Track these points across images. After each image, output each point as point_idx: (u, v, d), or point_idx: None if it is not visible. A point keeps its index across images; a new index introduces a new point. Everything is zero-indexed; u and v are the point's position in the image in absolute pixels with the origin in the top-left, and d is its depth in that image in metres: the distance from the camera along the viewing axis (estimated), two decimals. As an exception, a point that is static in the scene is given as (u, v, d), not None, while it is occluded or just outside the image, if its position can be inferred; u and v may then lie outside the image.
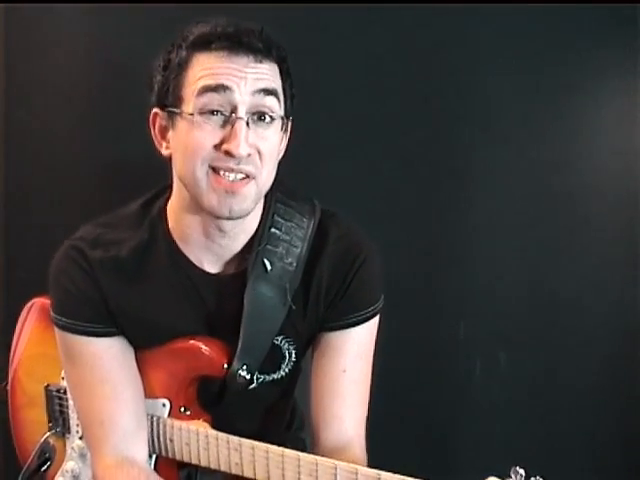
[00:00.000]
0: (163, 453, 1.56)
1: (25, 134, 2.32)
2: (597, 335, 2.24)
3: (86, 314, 1.50)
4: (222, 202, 1.40)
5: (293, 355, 1.57)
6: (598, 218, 2.25)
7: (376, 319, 1.58)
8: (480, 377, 2.26)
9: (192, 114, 1.39)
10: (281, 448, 1.41)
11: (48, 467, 1.74)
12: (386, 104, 2.22)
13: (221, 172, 1.39)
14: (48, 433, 1.74)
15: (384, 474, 1.31)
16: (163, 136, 1.48)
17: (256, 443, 1.43)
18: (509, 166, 2.26)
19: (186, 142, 1.41)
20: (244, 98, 1.38)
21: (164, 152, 1.48)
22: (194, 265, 1.52)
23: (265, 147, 1.41)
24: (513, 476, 1.25)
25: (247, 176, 1.41)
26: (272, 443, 1.44)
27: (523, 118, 2.24)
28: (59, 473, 1.74)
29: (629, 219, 2.25)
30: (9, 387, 1.84)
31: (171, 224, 1.53)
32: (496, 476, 1.26)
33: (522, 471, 1.24)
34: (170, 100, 1.43)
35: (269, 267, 1.49)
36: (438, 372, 2.28)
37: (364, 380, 1.58)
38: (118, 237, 1.52)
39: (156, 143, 1.49)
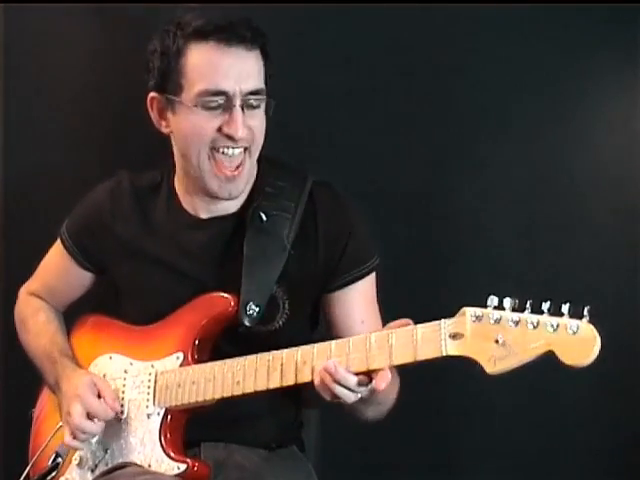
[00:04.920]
0: (174, 403, 1.62)
1: (25, 133, 2.32)
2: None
3: (81, 238, 1.81)
4: (222, 187, 1.64)
5: (286, 306, 1.68)
6: (598, 218, 2.25)
7: (374, 272, 1.74)
8: (480, 376, 2.25)
9: (195, 105, 1.58)
10: (283, 351, 1.52)
11: (52, 477, 1.72)
12: (388, 102, 2.23)
13: (222, 150, 1.60)
14: (61, 422, 1.71)
15: (374, 334, 1.43)
16: (162, 116, 1.67)
17: (261, 354, 1.54)
18: (509, 166, 2.26)
19: (188, 127, 1.62)
20: (238, 94, 1.58)
21: (164, 130, 1.68)
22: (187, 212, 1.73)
23: (256, 125, 1.63)
24: (489, 302, 1.32)
25: (245, 149, 1.62)
26: (274, 410, 1.69)
27: (523, 117, 2.24)
28: (67, 471, 1.72)
29: (629, 219, 2.25)
30: (37, 407, 1.87)
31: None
32: (473, 305, 1.33)
33: (495, 298, 1.32)
34: (170, 88, 1.62)
35: (264, 218, 1.67)
36: (438, 372, 2.27)
37: (379, 322, 1.72)
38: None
39: (155, 123, 1.69)
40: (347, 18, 2.20)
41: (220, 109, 1.58)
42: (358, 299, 1.72)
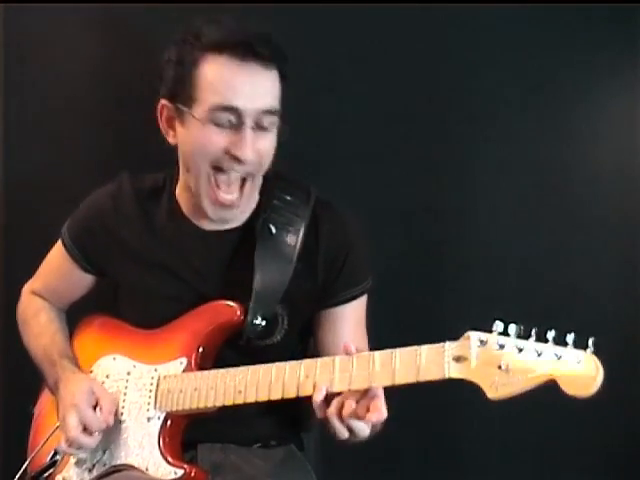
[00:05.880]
0: (174, 407, 1.62)
1: (25, 134, 2.32)
2: (597, 335, 2.23)
3: (82, 241, 1.80)
4: (217, 213, 1.64)
5: (285, 321, 1.69)
6: (598, 217, 2.25)
7: (366, 295, 1.75)
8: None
9: (205, 120, 1.55)
10: (286, 364, 1.51)
11: (50, 474, 1.73)
12: (387, 103, 2.23)
13: (225, 169, 1.57)
14: (59, 423, 1.71)
15: (378, 353, 1.43)
16: (170, 125, 1.65)
17: (264, 365, 1.54)
18: (509, 166, 2.26)
19: (196, 142, 1.58)
20: (251, 113, 1.54)
21: (171, 140, 1.66)
22: (190, 221, 1.72)
23: (265, 148, 1.59)
24: (494, 327, 1.32)
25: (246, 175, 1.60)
26: (275, 415, 1.69)
27: (523, 118, 2.24)
28: (65, 469, 1.72)
29: (629, 218, 2.25)
30: (38, 405, 1.88)
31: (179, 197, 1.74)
32: (477, 329, 1.33)
33: (501, 323, 1.32)
34: (181, 98, 1.59)
35: (274, 230, 1.66)
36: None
37: (365, 344, 1.72)
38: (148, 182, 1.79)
39: (163, 131, 1.66)
40: (347, 19, 2.20)
41: (230, 128, 1.55)
42: (347, 319, 1.72)
